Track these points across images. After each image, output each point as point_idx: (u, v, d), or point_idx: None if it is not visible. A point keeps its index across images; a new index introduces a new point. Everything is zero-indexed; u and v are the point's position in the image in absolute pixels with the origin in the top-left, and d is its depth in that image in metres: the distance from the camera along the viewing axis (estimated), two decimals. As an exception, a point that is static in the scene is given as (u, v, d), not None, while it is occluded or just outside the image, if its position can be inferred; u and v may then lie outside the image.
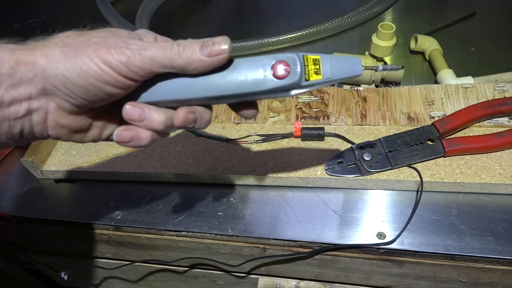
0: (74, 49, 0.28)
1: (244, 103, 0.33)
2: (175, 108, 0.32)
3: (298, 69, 0.29)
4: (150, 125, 0.31)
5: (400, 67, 0.41)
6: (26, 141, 0.31)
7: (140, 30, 0.32)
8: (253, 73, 0.29)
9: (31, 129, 0.30)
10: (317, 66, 0.30)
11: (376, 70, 0.35)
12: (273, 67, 0.29)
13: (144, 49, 0.28)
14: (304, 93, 0.34)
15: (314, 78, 0.30)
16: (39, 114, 0.29)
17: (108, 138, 0.34)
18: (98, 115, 0.32)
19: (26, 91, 0.28)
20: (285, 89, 0.30)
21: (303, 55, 0.30)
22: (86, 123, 0.32)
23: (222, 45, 0.28)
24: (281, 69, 0.29)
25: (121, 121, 0.34)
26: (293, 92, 0.30)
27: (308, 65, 0.30)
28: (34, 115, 0.29)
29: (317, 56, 0.30)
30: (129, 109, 0.31)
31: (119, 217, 0.49)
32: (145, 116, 0.31)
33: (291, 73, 0.29)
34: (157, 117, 0.31)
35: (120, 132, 0.32)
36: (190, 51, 0.28)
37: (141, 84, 0.30)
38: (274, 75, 0.29)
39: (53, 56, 0.28)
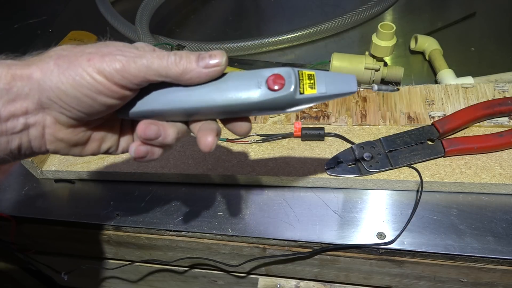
0: (67, 61, 0.27)
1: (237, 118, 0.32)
2: (182, 122, 0.32)
3: (293, 82, 0.29)
4: (164, 141, 0.31)
5: (396, 88, 0.42)
6: (24, 157, 0.30)
7: (138, 43, 0.31)
8: (247, 83, 0.30)
9: (29, 144, 0.29)
10: (312, 81, 0.30)
11: (371, 89, 0.35)
12: (267, 79, 0.30)
13: (139, 56, 0.28)
14: (299, 111, 0.34)
15: (308, 92, 0.30)
16: (36, 128, 0.29)
17: (107, 151, 0.33)
18: (96, 128, 0.32)
19: (23, 106, 0.28)
20: (279, 102, 0.30)
21: (298, 70, 0.30)
22: (84, 136, 0.31)
23: (218, 58, 0.29)
24: (275, 81, 0.29)
25: (120, 134, 0.34)
26: (288, 108, 0.31)
27: (303, 79, 0.30)
28: (31, 129, 0.29)
29: (312, 72, 0.30)
30: (145, 128, 0.30)
31: (119, 217, 0.49)
32: (160, 133, 0.31)
33: (286, 86, 0.29)
34: (171, 133, 0.31)
35: (137, 147, 0.31)
36: (187, 61, 0.29)
37: (135, 96, 0.30)
38: (268, 87, 0.29)
39: (47, 69, 0.27)
